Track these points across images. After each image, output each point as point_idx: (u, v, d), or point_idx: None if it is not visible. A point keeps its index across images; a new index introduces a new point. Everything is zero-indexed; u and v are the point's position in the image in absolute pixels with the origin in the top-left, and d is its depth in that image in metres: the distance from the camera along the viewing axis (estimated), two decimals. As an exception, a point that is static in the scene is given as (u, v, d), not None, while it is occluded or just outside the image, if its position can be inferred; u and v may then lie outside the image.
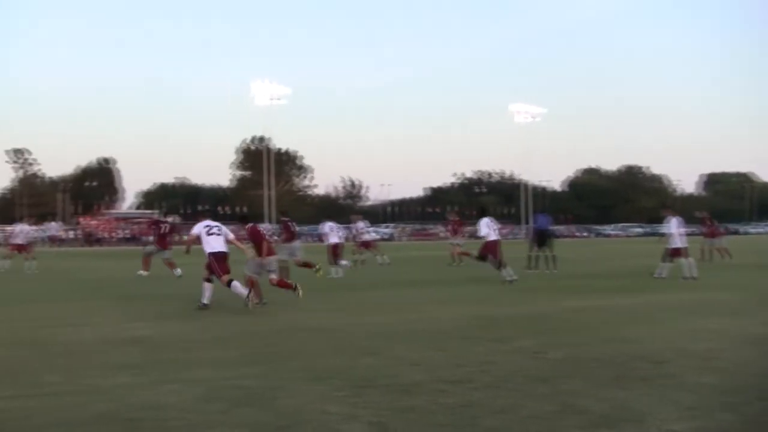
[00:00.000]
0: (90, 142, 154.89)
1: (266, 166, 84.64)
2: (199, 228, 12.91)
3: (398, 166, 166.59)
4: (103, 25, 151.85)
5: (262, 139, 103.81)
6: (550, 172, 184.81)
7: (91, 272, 23.80)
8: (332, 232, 21.15)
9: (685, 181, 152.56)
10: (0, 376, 6.70)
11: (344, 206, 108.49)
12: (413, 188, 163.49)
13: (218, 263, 12.39)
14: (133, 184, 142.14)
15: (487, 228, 16.84)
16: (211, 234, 12.72)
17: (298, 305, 12.16)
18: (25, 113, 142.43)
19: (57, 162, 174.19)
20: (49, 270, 24.69)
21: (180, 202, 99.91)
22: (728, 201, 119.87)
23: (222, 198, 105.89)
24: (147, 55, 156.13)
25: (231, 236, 13.05)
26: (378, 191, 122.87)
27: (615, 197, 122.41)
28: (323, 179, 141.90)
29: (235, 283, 12.14)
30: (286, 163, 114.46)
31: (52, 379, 6.50)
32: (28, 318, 11.07)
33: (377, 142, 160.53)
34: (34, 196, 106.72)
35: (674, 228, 17.76)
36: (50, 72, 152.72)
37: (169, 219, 22.49)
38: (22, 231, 26.03)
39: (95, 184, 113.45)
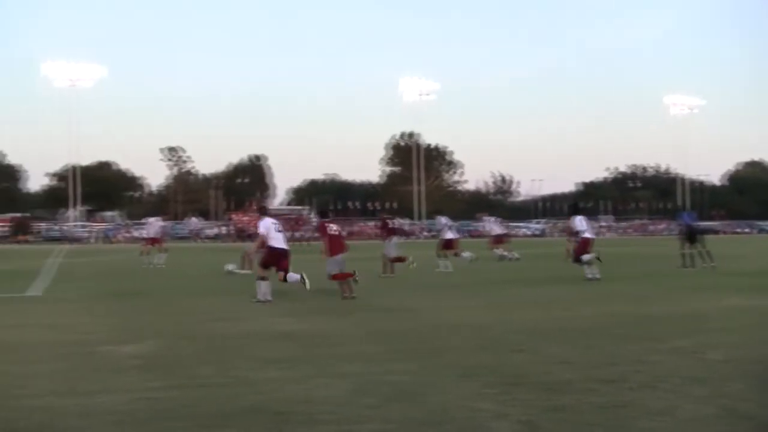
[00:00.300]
0: (242, 139, 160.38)
1: (416, 161, 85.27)
2: (267, 224, 13.38)
3: (549, 160, 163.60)
4: (257, 24, 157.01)
5: (411, 134, 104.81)
6: (708, 166, 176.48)
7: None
8: (447, 228, 21.99)
9: None
10: (158, 366, 7.07)
11: (494, 202, 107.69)
12: (565, 183, 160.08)
13: (278, 259, 13.08)
14: (284, 180, 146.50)
15: (582, 225, 17.11)
16: (279, 231, 13.40)
17: (444, 302, 12.23)
18: (179, 113, 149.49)
19: (210, 160, 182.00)
20: (195, 265, 25.84)
21: (330, 198, 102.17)
22: None
23: (372, 194, 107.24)
24: (296, 54, 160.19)
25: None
26: (529, 186, 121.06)
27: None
28: (473, 174, 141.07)
29: (291, 275, 12.95)
30: (436, 159, 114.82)
31: (205, 372, 6.79)
32: (182, 312, 11.61)
33: (527, 137, 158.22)
34: (188, 193, 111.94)
35: None
36: (204, 72, 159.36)
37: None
38: (153, 225, 27.22)
39: (246, 180, 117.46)
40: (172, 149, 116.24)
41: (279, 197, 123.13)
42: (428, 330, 9.44)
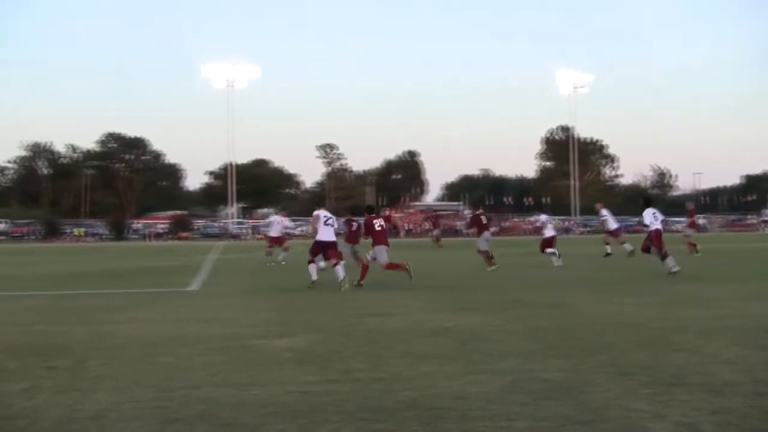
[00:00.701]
0: (396, 136, 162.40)
1: (572, 155, 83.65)
2: (319, 214, 15.23)
3: (710, 153, 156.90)
4: (412, 22, 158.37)
5: (566, 128, 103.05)
6: None
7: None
8: (548, 225, 22.60)
9: None
10: (312, 360, 7.17)
11: (653, 196, 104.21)
12: (728, 176, 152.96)
13: (326, 249, 15.15)
14: (438, 176, 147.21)
15: (651, 218, 17.42)
16: (327, 224, 15.21)
17: (596, 298, 11.89)
18: (333, 110, 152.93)
19: (363, 156, 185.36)
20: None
21: (484, 193, 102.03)
22: None
23: (526, 189, 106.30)
24: (451, 49, 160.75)
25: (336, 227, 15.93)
26: (688, 180, 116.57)
27: None
28: (630, 168, 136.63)
29: (338, 267, 14.75)
30: (592, 153, 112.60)
31: (359, 366, 6.83)
32: (336, 307, 11.77)
33: (685, 129, 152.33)
34: (342, 189, 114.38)
35: None
36: (357, 70, 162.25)
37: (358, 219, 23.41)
38: (276, 223, 27.19)
39: (400, 176, 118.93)
40: (326, 146, 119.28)
41: (433, 193, 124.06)
42: (582, 327, 9.18)
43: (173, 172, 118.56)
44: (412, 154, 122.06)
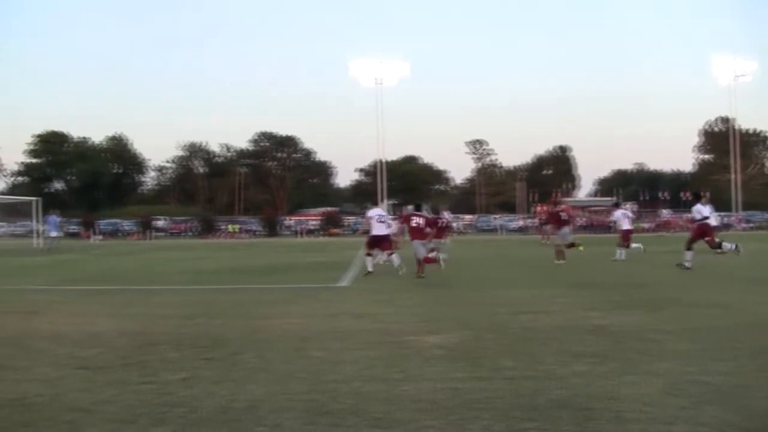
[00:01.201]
0: (546, 131, 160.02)
1: (732, 148, 79.91)
2: (372, 214, 18.43)
3: None
4: (577, 22, 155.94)
5: (726, 119, 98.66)
6: None
7: (545, 259, 24.58)
8: (625, 219, 23.50)
9: None
10: (462, 357, 7.22)
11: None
12: None
13: (379, 243, 18.13)
14: (590, 171, 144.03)
15: (698, 213, 18.91)
16: (380, 222, 18.14)
17: (752, 297, 11.40)
18: (484, 105, 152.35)
19: (513, 152, 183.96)
20: (494, 256, 26.04)
21: (638, 188, 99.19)
22: None
23: (683, 183, 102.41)
24: (598, 46, 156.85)
25: (392, 225, 20.31)
26: None
27: None
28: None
29: (394, 257, 17.55)
30: (755, 145, 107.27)
31: (510, 364, 6.82)
32: (487, 303, 11.72)
33: None
34: (492, 186, 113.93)
35: None
36: (507, 66, 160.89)
37: (445, 213, 25.03)
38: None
39: (551, 172, 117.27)
40: (476, 142, 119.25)
41: (585, 188, 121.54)
42: (743, 328, 8.82)
43: (324, 170, 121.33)
44: (563, 149, 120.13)
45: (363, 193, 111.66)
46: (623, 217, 23.43)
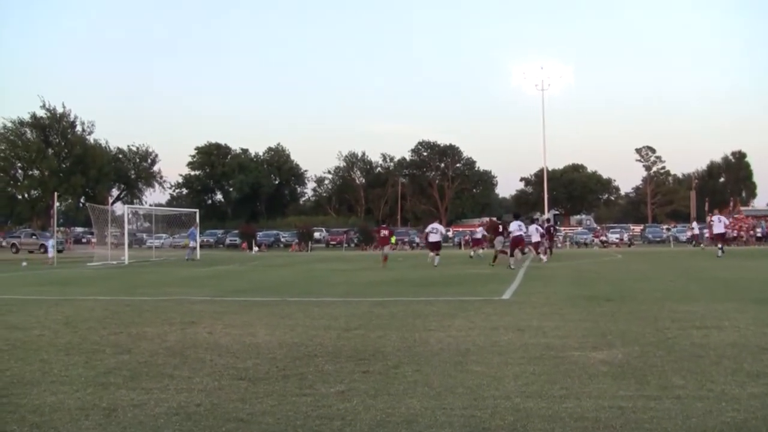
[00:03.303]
0: (718, 137, 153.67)
1: None
2: (429, 228, 30.46)
3: None
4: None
5: None
6: None
7: (728, 271, 23.61)
8: (718, 223, 26.73)
9: None
10: (630, 374, 7.09)
11: None
12: None
13: (434, 246, 30.70)
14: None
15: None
16: (432, 232, 30.94)
17: None
18: (652, 111, 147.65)
19: (684, 159, 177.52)
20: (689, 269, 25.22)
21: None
22: None
23: None
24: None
25: (443, 231, 32.45)
26: None
27: None
28: None
29: (437, 258, 28.87)
30: None
31: (680, 382, 6.65)
32: (657, 318, 11.40)
33: None
34: (662, 195, 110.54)
35: None
36: (672, 69, 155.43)
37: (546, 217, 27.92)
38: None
39: (725, 179, 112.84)
40: (646, 149, 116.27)
41: (763, 196, 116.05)
42: None
43: (486, 179, 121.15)
44: (739, 156, 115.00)
45: (526, 203, 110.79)
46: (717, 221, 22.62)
